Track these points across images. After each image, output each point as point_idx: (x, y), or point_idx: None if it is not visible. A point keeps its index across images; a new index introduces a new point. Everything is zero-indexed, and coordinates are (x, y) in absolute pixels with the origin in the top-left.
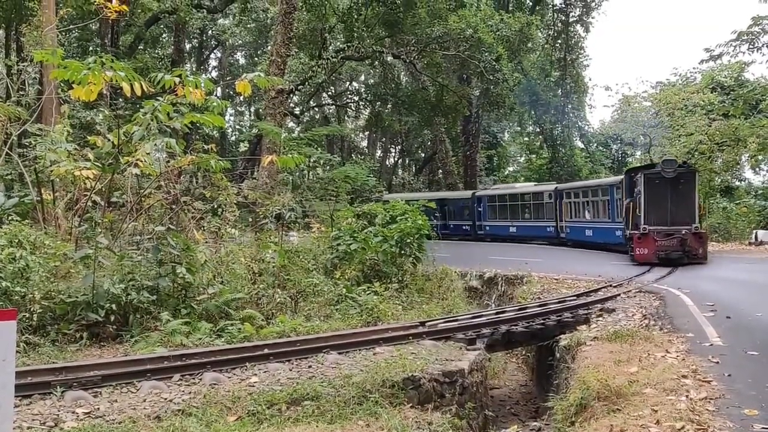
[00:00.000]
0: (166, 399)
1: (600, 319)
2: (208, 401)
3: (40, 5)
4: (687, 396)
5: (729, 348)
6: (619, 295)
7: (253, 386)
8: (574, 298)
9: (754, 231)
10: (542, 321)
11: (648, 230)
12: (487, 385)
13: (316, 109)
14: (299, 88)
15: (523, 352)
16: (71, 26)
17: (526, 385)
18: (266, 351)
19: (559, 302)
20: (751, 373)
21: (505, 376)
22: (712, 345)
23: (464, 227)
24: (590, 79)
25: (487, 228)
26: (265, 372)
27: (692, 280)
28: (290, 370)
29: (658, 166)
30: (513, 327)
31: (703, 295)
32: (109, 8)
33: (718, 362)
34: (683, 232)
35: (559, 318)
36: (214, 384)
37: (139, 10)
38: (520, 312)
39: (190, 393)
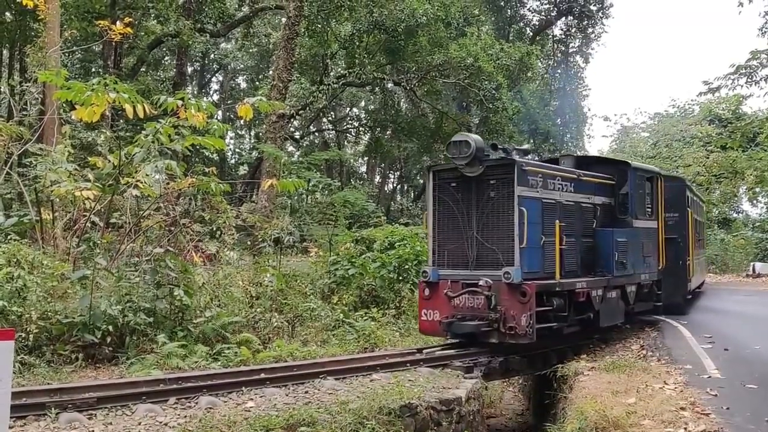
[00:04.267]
0: (161, 422)
1: (598, 348)
2: (204, 425)
3: (46, 27)
4: (685, 428)
5: (727, 381)
6: (617, 324)
7: (249, 411)
8: None
9: (752, 263)
10: (540, 350)
11: (436, 278)
12: (483, 414)
13: (316, 134)
14: (300, 112)
15: (520, 381)
16: (75, 48)
17: (523, 415)
18: (263, 375)
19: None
20: (749, 406)
21: (501, 404)
22: (710, 377)
23: None
24: (589, 110)
25: None
26: (261, 397)
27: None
28: (287, 395)
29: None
30: (510, 355)
31: (700, 326)
32: (114, 30)
33: (716, 395)
34: (484, 284)
35: (556, 347)
36: (210, 408)
37: (143, 33)
38: None
39: (185, 417)
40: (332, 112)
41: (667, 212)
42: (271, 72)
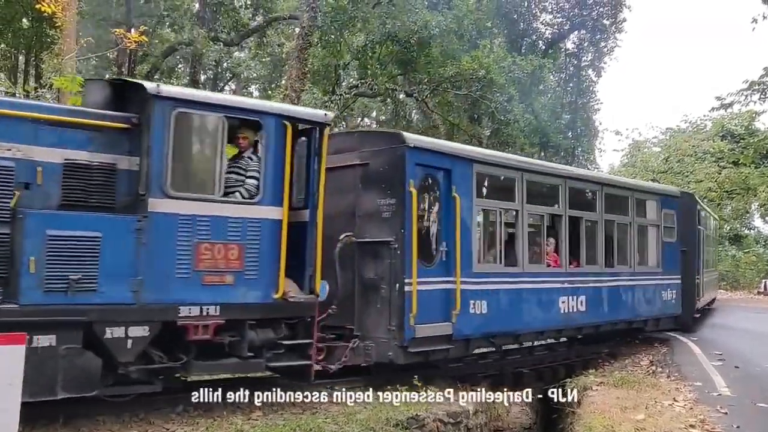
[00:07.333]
0: (168, 429)
1: (607, 363)
2: None
3: (62, 34)
4: None
5: (737, 399)
6: (627, 339)
7: (256, 420)
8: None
9: (763, 280)
10: (549, 363)
11: None
12: (491, 427)
13: None
14: None
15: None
16: (90, 55)
17: (530, 429)
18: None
19: (567, 344)
20: (760, 425)
21: (508, 418)
22: (720, 395)
23: None
24: (600, 123)
25: None
26: (267, 405)
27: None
28: (293, 405)
29: None
30: (519, 368)
31: (711, 343)
32: (129, 38)
33: (726, 413)
34: None
35: (565, 361)
36: (217, 416)
37: (157, 41)
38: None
39: (192, 424)
40: (344, 123)
41: (381, 197)
42: (283, 81)
